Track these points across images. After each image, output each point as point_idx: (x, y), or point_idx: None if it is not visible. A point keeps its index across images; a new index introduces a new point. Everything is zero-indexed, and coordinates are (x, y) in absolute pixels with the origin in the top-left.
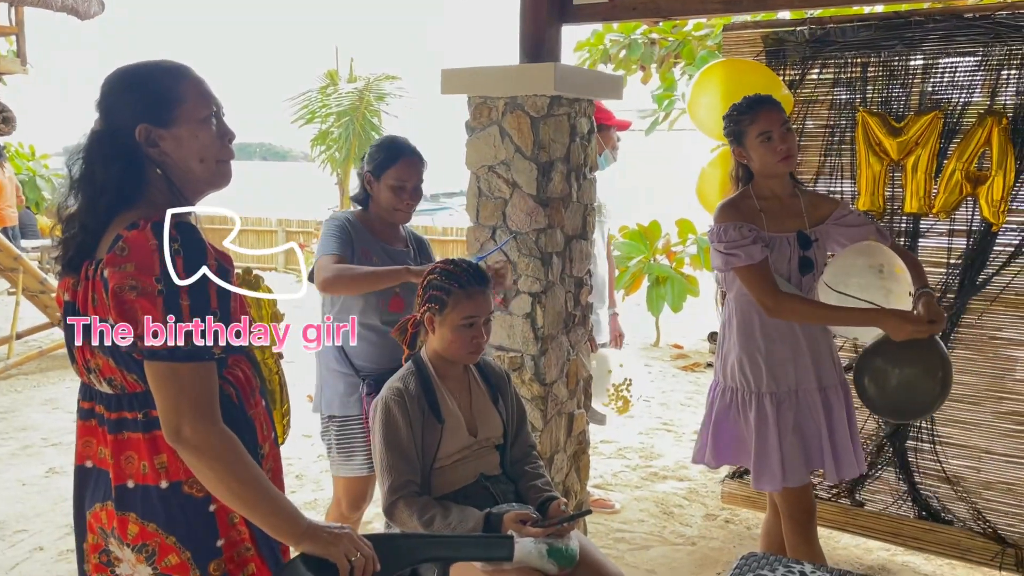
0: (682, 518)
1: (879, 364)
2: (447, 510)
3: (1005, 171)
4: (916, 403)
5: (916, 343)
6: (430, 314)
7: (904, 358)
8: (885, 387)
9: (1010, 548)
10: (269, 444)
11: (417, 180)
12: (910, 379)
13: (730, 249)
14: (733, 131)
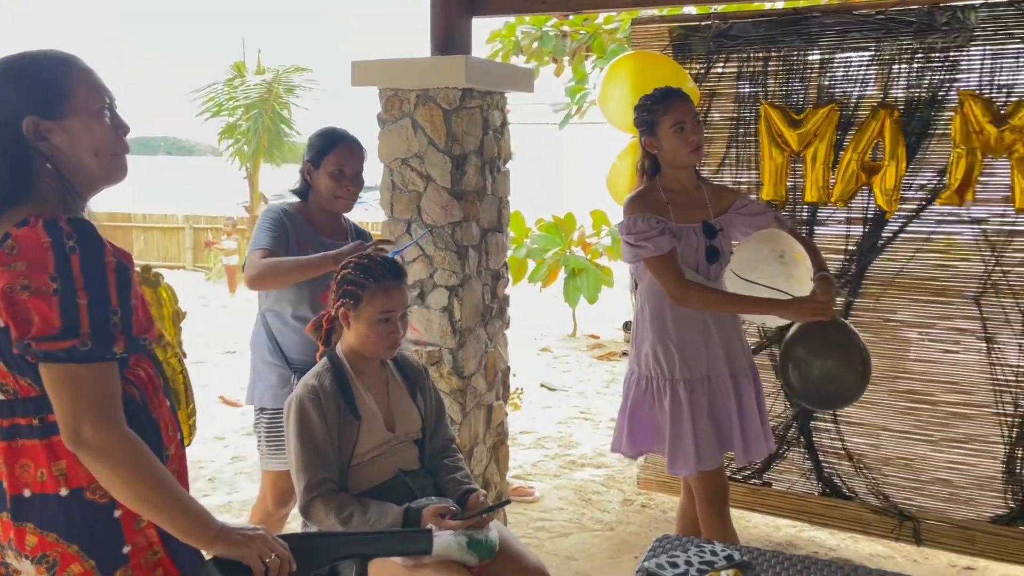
0: (600, 504)
1: (801, 354)
2: (365, 506)
3: (897, 161)
4: (840, 394)
5: (834, 335)
6: (345, 309)
7: (824, 350)
8: (808, 378)
9: (908, 521)
10: (175, 445)
11: (356, 166)
12: (832, 370)
13: (639, 241)
14: (646, 121)
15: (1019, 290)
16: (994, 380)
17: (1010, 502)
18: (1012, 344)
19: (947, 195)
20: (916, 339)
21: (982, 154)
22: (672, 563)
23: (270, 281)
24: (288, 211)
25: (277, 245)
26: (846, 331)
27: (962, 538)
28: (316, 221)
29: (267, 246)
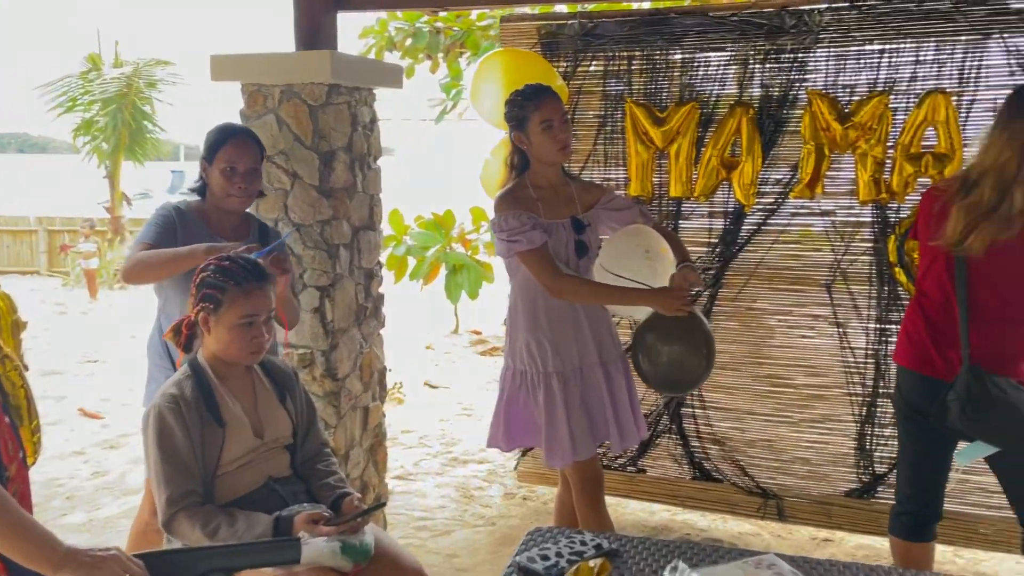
0: (482, 500)
1: (650, 342)
2: (233, 518)
3: (753, 157)
4: (686, 378)
5: (681, 323)
6: (205, 314)
7: (671, 337)
8: (657, 363)
9: (772, 499)
10: (16, 465)
11: (250, 162)
12: (678, 356)
13: (512, 236)
14: (516, 116)
15: (865, 277)
16: (845, 362)
17: (862, 476)
18: (860, 328)
19: (799, 189)
20: (776, 326)
21: (829, 150)
22: (543, 556)
23: (143, 273)
24: (181, 209)
25: (161, 241)
26: (692, 318)
27: (821, 512)
28: (212, 220)
29: (148, 240)
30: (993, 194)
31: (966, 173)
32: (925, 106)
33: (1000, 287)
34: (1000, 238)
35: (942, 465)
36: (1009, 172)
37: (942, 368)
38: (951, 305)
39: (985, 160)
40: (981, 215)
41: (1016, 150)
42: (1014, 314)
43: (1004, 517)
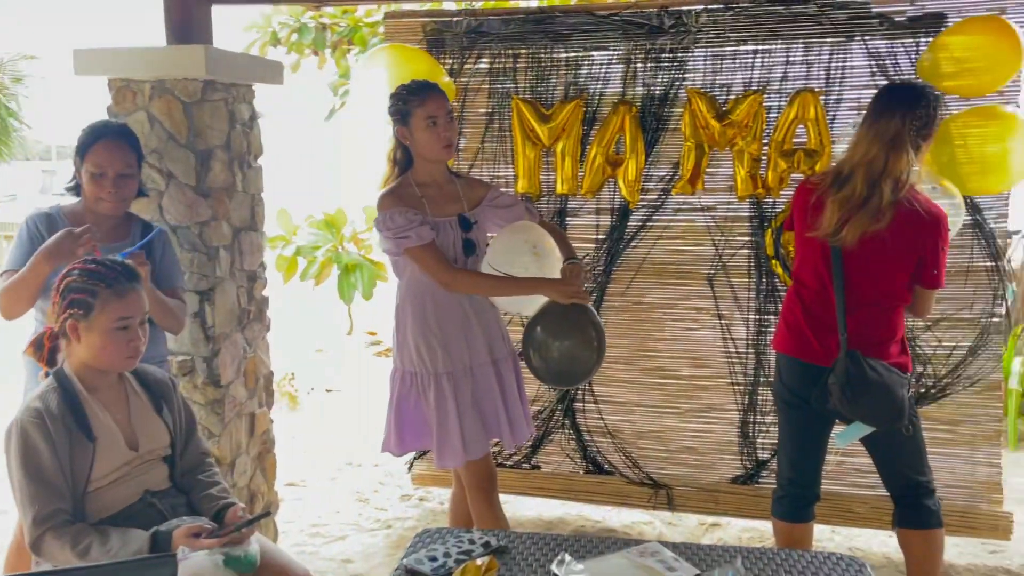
0: (378, 503)
1: (540, 336)
2: (105, 535)
3: (637, 155)
4: (577, 370)
5: (571, 316)
6: (73, 320)
7: (562, 330)
8: (548, 358)
9: (662, 489)
10: None
11: (120, 166)
12: (569, 349)
13: (400, 233)
14: (399, 111)
15: (744, 270)
16: (727, 353)
17: (746, 463)
18: (741, 320)
19: (681, 185)
20: (662, 319)
21: (708, 147)
22: (431, 557)
23: (14, 304)
24: (52, 216)
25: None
26: (583, 311)
27: (708, 500)
28: (89, 222)
29: (15, 266)
30: (864, 188)
31: (838, 168)
32: (796, 104)
33: (872, 275)
34: (871, 229)
35: (820, 448)
36: (877, 167)
37: (821, 354)
38: (827, 293)
39: (855, 156)
40: (854, 208)
41: (883, 147)
42: (884, 300)
43: (876, 495)
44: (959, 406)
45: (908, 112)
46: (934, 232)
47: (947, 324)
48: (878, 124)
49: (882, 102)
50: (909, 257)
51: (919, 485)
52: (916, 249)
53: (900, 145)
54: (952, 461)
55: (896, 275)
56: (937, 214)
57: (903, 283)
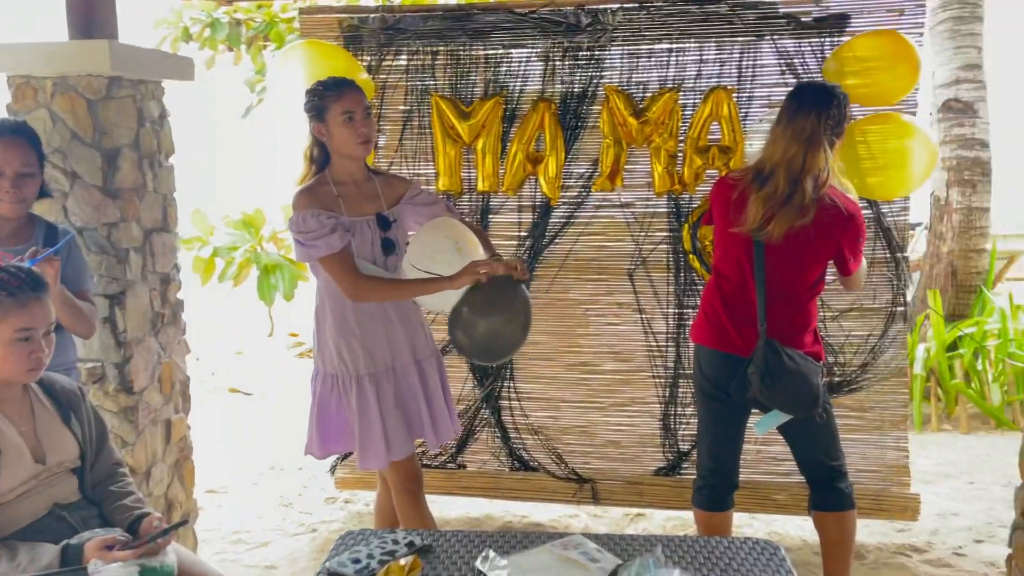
0: (302, 507)
1: (467, 315)
2: (13, 551)
3: (557, 152)
4: (503, 345)
5: (500, 291)
6: None
7: (489, 306)
8: (474, 335)
9: (587, 484)
10: None
11: (19, 165)
12: (496, 325)
13: (310, 240)
14: (316, 106)
15: (663, 265)
16: (648, 347)
17: (668, 455)
18: (661, 314)
19: (600, 182)
20: (584, 315)
21: (627, 144)
22: (354, 559)
23: None
24: None
25: None
26: (513, 288)
27: (633, 492)
28: None
29: None
30: (786, 185)
31: (758, 166)
32: (710, 102)
33: (791, 268)
34: (797, 224)
35: (738, 438)
36: (797, 164)
37: (740, 345)
38: (747, 286)
39: (775, 155)
40: (777, 204)
41: (801, 145)
42: (800, 292)
43: (793, 483)
44: (868, 393)
45: (822, 111)
46: (853, 227)
47: (855, 314)
48: (795, 123)
49: (796, 102)
50: (828, 251)
51: (832, 469)
52: (836, 243)
53: (817, 143)
54: (863, 447)
55: (814, 268)
56: (854, 210)
57: (818, 275)
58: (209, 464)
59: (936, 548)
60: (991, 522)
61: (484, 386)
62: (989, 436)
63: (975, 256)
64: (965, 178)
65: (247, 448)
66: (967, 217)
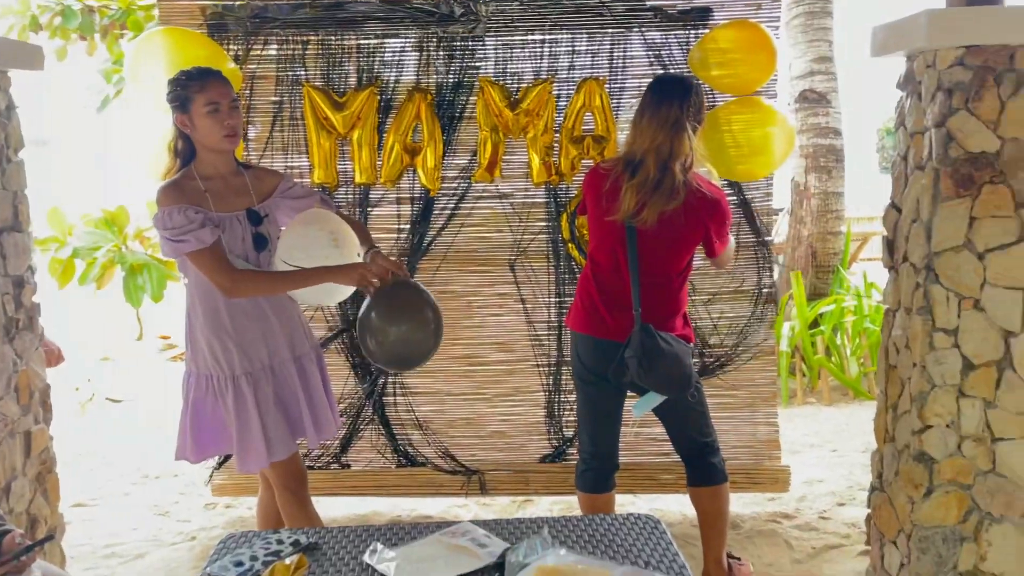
0: (179, 515)
1: (376, 322)
2: None
3: (435, 143)
4: (415, 354)
5: (407, 299)
6: None
7: (398, 314)
8: (384, 343)
9: (474, 475)
10: None
11: None
12: (406, 333)
13: (178, 236)
14: (179, 97)
15: (544, 255)
16: (531, 336)
17: (553, 442)
18: (542, 303)
19: (479, 173)
20: (468, 307)
21: (504, 135)
22: (237, 562)
23: None
24: None
25: None
26: (414, 290)
27: (520, 480)
28: None
29: None
30: (656, 171)
31: (629, 155)
32: (582, 93)
33: (663, 253)
34: (668, 208)
35: (617, 421)
36: (665, 151)
37: (616, 330)
38: (622, 272)
39: (644, 143)
40: (649, 191)
41: (667, 132)
42: (672, 276)
43: (671, 462)
44: (739, 372)
45: (684, 99)
46: (718, 211)
47: (726, 297)
48: (659, 112)
49: (658, 93)
50: (696, 235)
51: (705, 446)
52: (704, 227)
53: (681, 129)
54: (735, 423)
55: (684, 252)
56: (718, 195)
57: (688, 260)
58: (77, 476)
59: (803, 513)
60: (852, 486)
61: (367, 383)
62: (849, 406)
63: (832, 238)
64: (821, 164)
65: (117, 457)
66: (824, 201)
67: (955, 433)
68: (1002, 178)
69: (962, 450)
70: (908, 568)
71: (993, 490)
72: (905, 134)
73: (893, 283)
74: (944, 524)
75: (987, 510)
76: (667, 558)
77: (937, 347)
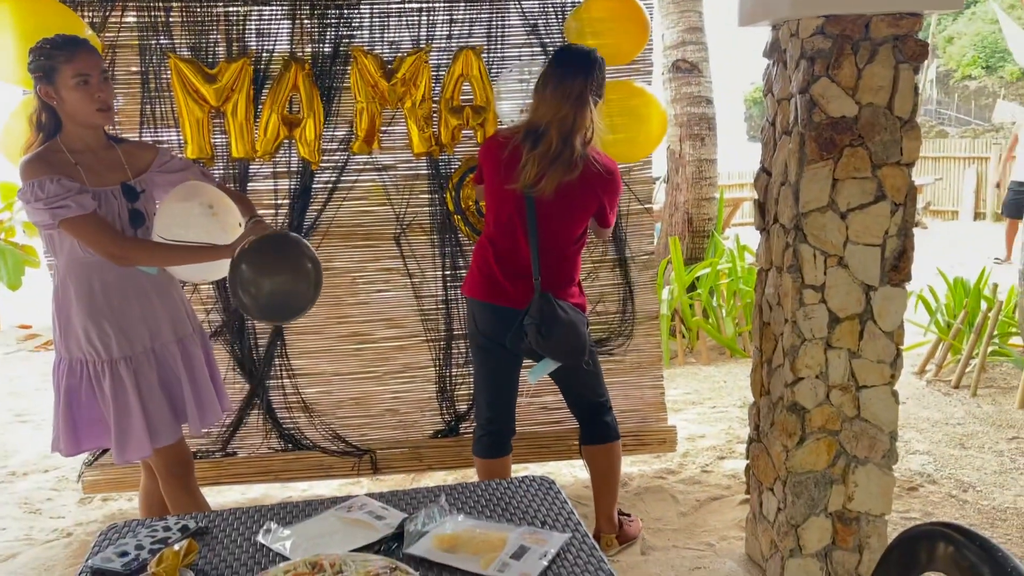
0: (53, 511)
1: (248, 274)
2: None
3: (315, 114)
4: (292, 305)
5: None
6: None
7: (274, 265)
8: (258, 296)
9: (366, 454)
10: None
11: None
12: (283, 285)
13: (55, 203)
14: (43, 67)
15: (428, 227)
16: (420, 311)
17: (446, 416)
18: (430, 277)
19: (358, 145)
20: (353, 284)
21: (380, 106)
22: (121, 552)
23: None
24: None
25: None
26: (289, 241)
27: (412, 457)
28: None
29: None
30: (558, 143)
31: (531, 125)
32: (460, 62)
33: (560, 223)
34: (566, 180)
35: (513, 386)
36: (568, 123)
37: (514, 297)
38: (519, 241)
39: (547, 115)
40: (549, 162)
41: (571, 105)
42: (568, 245)
43: (563, 429)
44: (625, 338)
45: (588, 74)
46: (612, 183)
47: (610, 266)
48: (564, 85)
49: (563, 65)
50: (592, 206)
51: (599, 405)
52: (598, 198)
53: (584, 103)
54: (623, 388)
55: (580, 222)
56: (612, 167)
57: (583, 230)
58: None
59: (687, 468)
60: (731, 440)
61: (251, 370)
62: (726, 364)
63: (706, 204)
64: (695, 133)
65: None
66: (698, 169)
67: (823, 383)
68: (860, 141)
69: (830, 399)
70: (784, 512)
71: (858, 434)
72: (772, 100)
73: (764, 244)
74: (815, 469)
75: (853, 453)
76: (563, 516)
77: (806, 303)
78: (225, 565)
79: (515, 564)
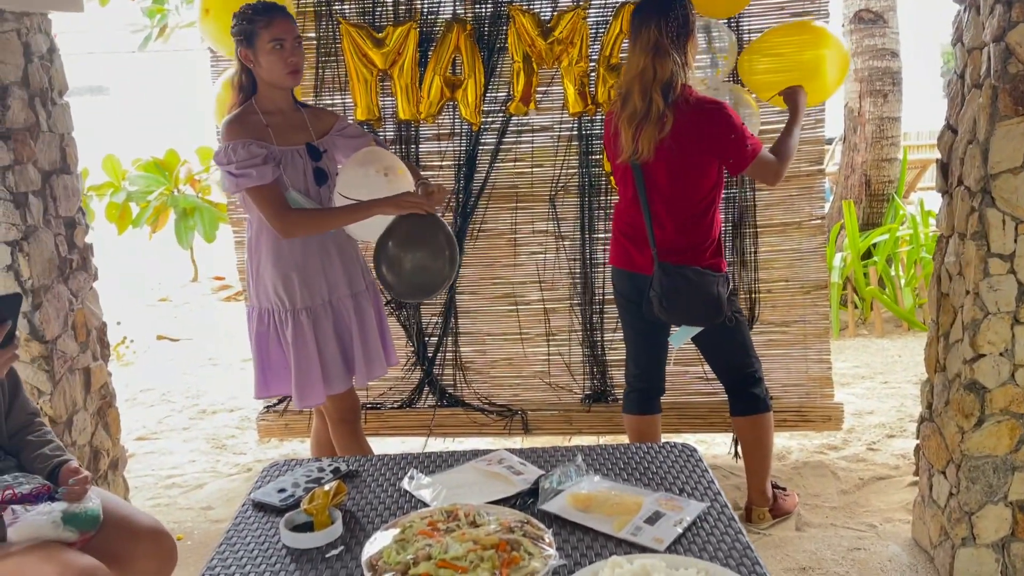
0: (236, 448)
1: (392, 251)
2: None
3: (476, 76)
4: (431, 281)
5: (421, 228)
6: None
7: (412, 242)
8: (401, 273)
9: (516, 415)
10: None
11: None
12: (422, 261)
13: (241, 169)
14: (244, 31)
15: (580, 191)
16: (572, 274)
17: (595, 382)
18: (580, 240)
19: (514, 105)
20: (508, 245)
21: (537, 65)
22: (279, 489)
23: None
24: None
25: None
26: (431, 221)
27: (562, 420)
28: None
29: None
30: (641, 101)
31: (621, 88)
32: (620, 18)
33: (672, 187)
34: (659, 137)
35: (660, 347)
36: (648, 77)
37: (643, 264)
38: (637, 209)
39: (630, 73)
40: (639, 122)
41: (648, 56)
42: (687, 207)
43: (721, 400)
44: (790, 307)
45: (662, 19)
46: (714, 118)
47: (776, 230)
48: (639, 37)
49: (638, 17)
50: (701, 156)
51: (746, 376)
52: (707, 143)
53: (663, 51)
54: (786, 360)
55: (698, 177)
56: (713, 105)
57: (710, 185)
58: (137, 411)
59: (852, 445)
60: (903, 417)
61: (418, 328)
62: (902, 338)
63: (887, 165)
64: (876, 88)
65: (176, 394)
66: (879, 127)
67: (1009, 361)
68: None
69: (1015, 379)
70: (957, 498)
71: None
72: (962, 50)
73: (947, 208)
74: (995, 454)
75: None
76: (702, 484)
77: (992, 273)
78: (371, 507)
79: (648, 529)
